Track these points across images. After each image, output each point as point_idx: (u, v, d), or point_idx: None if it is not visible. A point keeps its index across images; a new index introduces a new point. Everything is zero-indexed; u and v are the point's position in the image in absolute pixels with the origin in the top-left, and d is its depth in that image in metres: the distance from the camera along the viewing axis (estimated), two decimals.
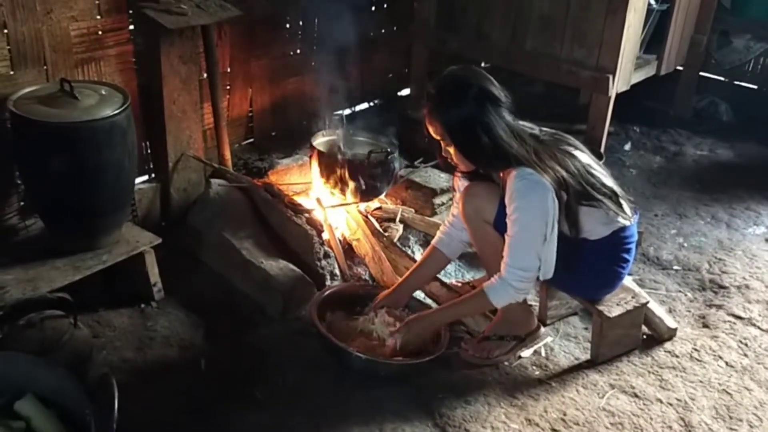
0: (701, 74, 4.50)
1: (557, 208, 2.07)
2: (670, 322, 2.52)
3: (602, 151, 3.47)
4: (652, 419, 2.16)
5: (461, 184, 2.34)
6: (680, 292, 2.82)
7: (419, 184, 3.17)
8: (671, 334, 2.51)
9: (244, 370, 2.24)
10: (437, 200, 3.13)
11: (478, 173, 2.26)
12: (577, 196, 2.10)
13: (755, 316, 2.66)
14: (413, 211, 3.08)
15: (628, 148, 4.16)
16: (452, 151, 2.16)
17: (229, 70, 3.17)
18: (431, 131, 2.16)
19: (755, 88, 4.53)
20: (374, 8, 3.84)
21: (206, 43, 2.83)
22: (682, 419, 2.17)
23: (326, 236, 2.71)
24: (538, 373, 2.34)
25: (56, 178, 2.25)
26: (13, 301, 2.08)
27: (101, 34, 2.57)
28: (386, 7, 3.89)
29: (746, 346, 2.51)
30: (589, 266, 2.21)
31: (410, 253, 2.82)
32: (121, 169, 2.34)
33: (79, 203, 2.33)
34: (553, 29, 3.43)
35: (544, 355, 2.42)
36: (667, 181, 3.81)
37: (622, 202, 2.19)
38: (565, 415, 2.16)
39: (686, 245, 3.17)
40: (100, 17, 2.55)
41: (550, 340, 2.47)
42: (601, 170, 2.22)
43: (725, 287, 2.85)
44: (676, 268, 2.99)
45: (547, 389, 2.26)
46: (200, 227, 2.77)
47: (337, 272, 2.65)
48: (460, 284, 2.69)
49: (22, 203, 2.53)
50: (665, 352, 2.45)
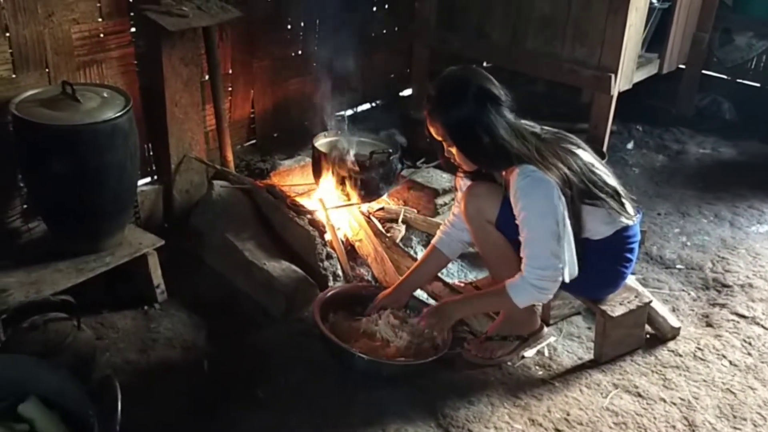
0: (703, 72, 4.50)
1: (564, 204, 2.05)
2: (673, 321, 2.51)
3: (605, 150, 3.46)
4: (655, 419, 2.16)
5: (463, 183, 2.33)
6: (683, 291, 2.81)
7: (421, 184, 3.17)
8: (674, 333, 2.50)
9: (246, 371, 2.24)
10: (439, 201, 3.13)
11: (480, 173, 2.26)
12: (579, 194, 2.09)
13: (759, 314, 2.65)
14: (415, 211, 3.08)
15: (630, 146, 4.15)
16: (454, 151, 2.15)
17: (230, 71, 3.18)
18: (432, 132, 2.16)
19: (758, 86, 4.52)
20: (375, 8, 3.84)
21: (208, 44, 2.84)
22: (685, 419, 2.16)
23: (329, 237, 2.71)
24: (541, 373, 2.34)
25: (59, 180, 2.25)
26: (16, 303, 2.09)
27: (103, 36, 2.58)
28: (387, 7, 3.89)
29: (750, 345, 2.50)
30: (592, 266, 2.19)
31: (413, 253, 2.82)
32: (123, 171, 2.34)
33: (81, 206, 2.33)
34: (554, 28, 3.43)
35: (547, 355, 2.41)
36: (669, 179, 3.80)
37: (624, 201, 2.18)
38: (568, 415, 2.15)
39: (689, 244, 3.16)
40: (101, 20, 2.56)
41: (553, 339, 2.47)
42: (603, 169, 2.21)
43: (729, 286, 2.84)
44: (679, 267, 2.98)
45: (550, 389, 2.26)
46: (203, 229, 2.78)
47: (339, 273, 2.65)
48: (462, 284, 2.69)
49: (24, 206, 2.53)
50: (669, 351, 2.45)
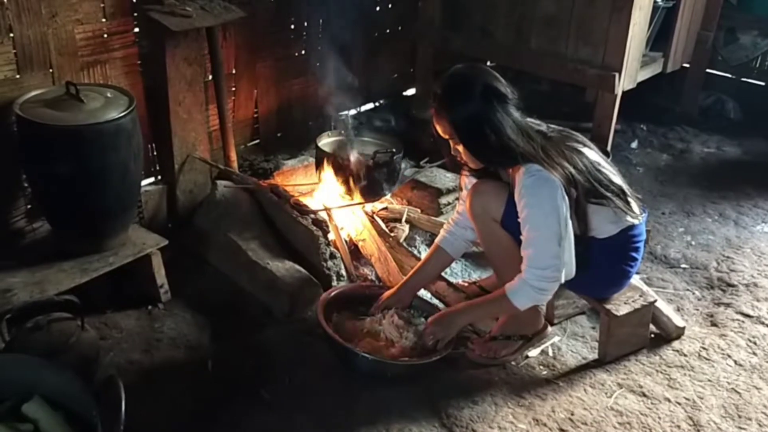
0: (708, 71, 4.47)
1: (568, 204, 2.05)
2: (678, 320, 2.50)
3: (609, 149, 3.46)
4: (660, 418, 2.15)
5: (468, 182, 2.33)
6: (688, 290, 2.81)
7: (425, 184, 3.17)
8: (679, 332, 2.50)
9: (250, 370, 2.24)
10: (443, 200, 3.12)
11: (486, 171, 2.25)
12: (585, 193, 2.09)
13: (764, 314, 2.64)
14: (419, 211, 3.08)
15: (634, 146, 4.14)
16: (461, 149, 2.15)
17: (234, 71, 3.18)
18: (439, 130, 2.15)
19: (762, 84, 4.50)
20: (379, 8, 3.84)
21: (211, 44, 2.84)
22: (690, 418, 2.15)
23: (332, 237, 2.71)
24: (545, 372, 2.33)
25: (62, 180, 2.26)
26: (20, 303, 2.09)
27: (106, 37, 2.58)
28: (391, 6, 3.89)
29: (755, 344, 2.49)
30: (597, 265, 2.19)
31: (416, 253, 2.82)
32: (126, 171, 2.35)
33: (85, 206, 2.34)
34: (558, 27, 3.42)
35: (551, 354, 2.41)
36: (674, 179, 3.79)
37: (630, 200, 2.17)
38: (572, 414, 2.15)
39: (694, 243, 3.15)
40: (105, 20, 2.56)
41: (557, 339, 2.46)
42: (609, 168, 2.20)
43: (733, 285, 2.83)
44: (683, 266, 2.97)
45: (554, 389, 2.26)
46: (206, 229, 2.78)
47: (343, 273, 2.65)
48: (466, 284, 2.68)
49: (29, 206, 2.54)
50: (673, 351, 2.44)
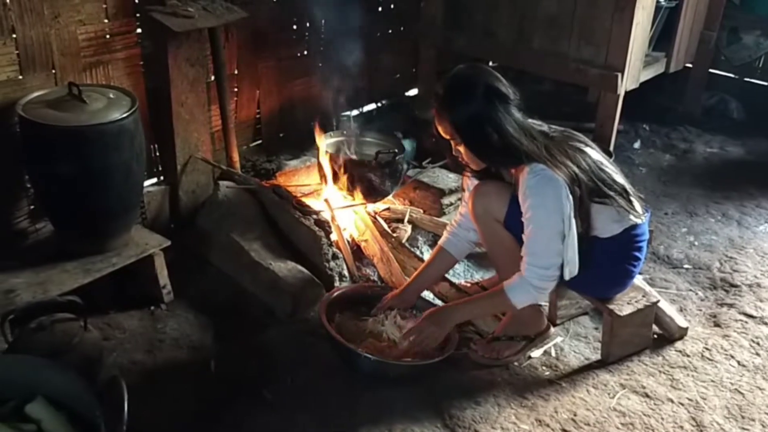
0: (711, 71, 4.48)
1: (572, 204, 2.05)
2: (681, 321, 2.50)
3: (611, 149, 3.45)
4: (663, 419, 2.15)
5: (471, 183, 2.32)
6: (691, 290, 2.80)
7: (427, 184, 3.17)
8: (682, 333, 2.49)
9: (253, 371, 2.24)
10: (445, 200, 3.12)
11: (488, 172, 2.25)
12: (589, 192, 2.08)
13: (767, 314, 2.64)
14: (421, 211, 3.08)
15: (637, 146, 4.14)
16: (462, 150, 2.15)
17: (236, 72, 3.18)
18: (441, 131, 2.15)
19: (765, 84, 4.50)
20: (381, 8, 3.84)
21: (213, 45, 2.84)
22: (693, 419, 2.15)
23: (334, 237, 2.71)
24: (548, 373, 2.33)
25: (65, 181, 2.26)
26: (23, 304, 2.09)
27: (109, 37, 2.58)
28: (393, 6, 3.89)
29: (758, 345, 2.48)
30: (599, 265, 2.18)
31: (419, 253, 2.81)
32: (129, 171, 2.35)
33: (87, 206, 2.34)
34: (560, 27, 3.42)
35: (554, 355, 2.41)
36: (677, 179, 3.78)
37: (633, 199, 2.17)
38: (575, 415, 2.15)
39: (697, 243, 3.15)
40: (107, 21, 2.56)
41: (560, 340, 2.46)
42: (612, 167, 2.20)
43: (736, 286, 2.82)
44: (686, 266, 2.97)
45: (557, 389, 2.25)
46: (209, 229, 2.78)
47: (345, 273, 2.65)
48: (469, 284, 2.68)
49: (31, 207, 2.54)
50: (676, 351, 2.44)
